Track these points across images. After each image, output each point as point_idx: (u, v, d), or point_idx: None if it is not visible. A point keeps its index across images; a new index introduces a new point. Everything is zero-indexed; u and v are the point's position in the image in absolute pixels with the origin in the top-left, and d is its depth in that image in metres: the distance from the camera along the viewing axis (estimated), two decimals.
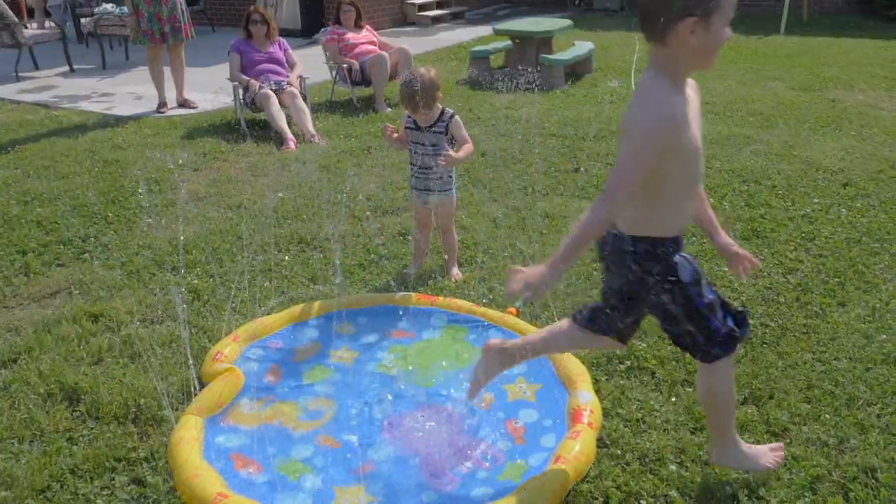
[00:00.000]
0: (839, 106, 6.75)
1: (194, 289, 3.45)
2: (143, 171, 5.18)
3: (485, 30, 10.93)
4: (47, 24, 11.30)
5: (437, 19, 12.51)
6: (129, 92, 7.93)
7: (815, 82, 7.69)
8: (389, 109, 6.85)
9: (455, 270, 3.58)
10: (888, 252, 3.71)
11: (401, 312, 3.13)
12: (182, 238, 4.00)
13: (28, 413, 2.56)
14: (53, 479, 2.25)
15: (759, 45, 9.87)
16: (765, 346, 2.90)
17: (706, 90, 7.50)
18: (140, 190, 4.80)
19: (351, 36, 7.06)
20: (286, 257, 3.79)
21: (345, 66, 6.99)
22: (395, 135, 3.40)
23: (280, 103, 6.10)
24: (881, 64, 8.39)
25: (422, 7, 12.57)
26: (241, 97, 6.29)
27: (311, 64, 7.49)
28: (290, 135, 5.86)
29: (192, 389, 2.62)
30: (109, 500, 2.17)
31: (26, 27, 10.18)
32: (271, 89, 6.13)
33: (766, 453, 2.17)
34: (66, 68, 9.17)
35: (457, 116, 3.32)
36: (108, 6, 9.91)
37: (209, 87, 7.48)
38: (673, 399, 2.58)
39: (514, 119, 6.44)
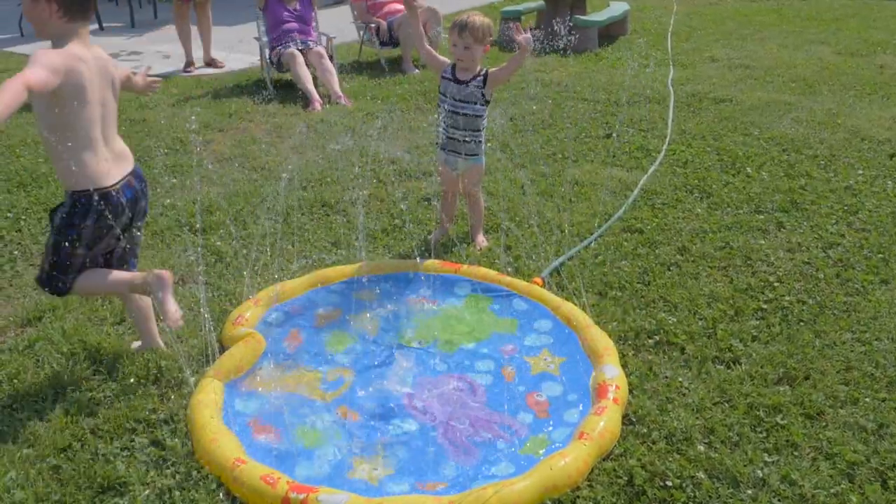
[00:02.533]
0: (888, 72, 6.44)
1: (217, 251, 3.42)
2: (169, 132, 5.15)
3: None
4: None
5: None
6: (157, 51, 7.89)
7: (862, 47, 7.35)
8: (417, 71, 6.70)
9: (480, 238, 3.50)
10: None
11: (424, 280, 3.07)
12: (204, 199, 3.97)
13: (51, 372, 2.57)
14: (75, 439, 2.25)
15: (802, 6, 9.46)
16: (801, 323, 2.79)
17: (745, 54, 7.22)
18: (164, 150, 4.77)
19: None
20: (309, 221, 3.74)
21: (373, 25, 6.85)
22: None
23: (306, 63, 6.00)
24: None
25: None
26: (267, 57, 6.20)
27: (338, 23, 7.35)
28: (316, 96, 5.77)
29: (212, 353, 2.60)
30: (129, 461, 2.17)
31: None
32: (297, 49, 6.03)
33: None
34: (96, 26, 9.14)
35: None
36: None
37: (235, 47, 7.39)
38: (703, 376, 2.49)
39: (544, 82, 6.26)
